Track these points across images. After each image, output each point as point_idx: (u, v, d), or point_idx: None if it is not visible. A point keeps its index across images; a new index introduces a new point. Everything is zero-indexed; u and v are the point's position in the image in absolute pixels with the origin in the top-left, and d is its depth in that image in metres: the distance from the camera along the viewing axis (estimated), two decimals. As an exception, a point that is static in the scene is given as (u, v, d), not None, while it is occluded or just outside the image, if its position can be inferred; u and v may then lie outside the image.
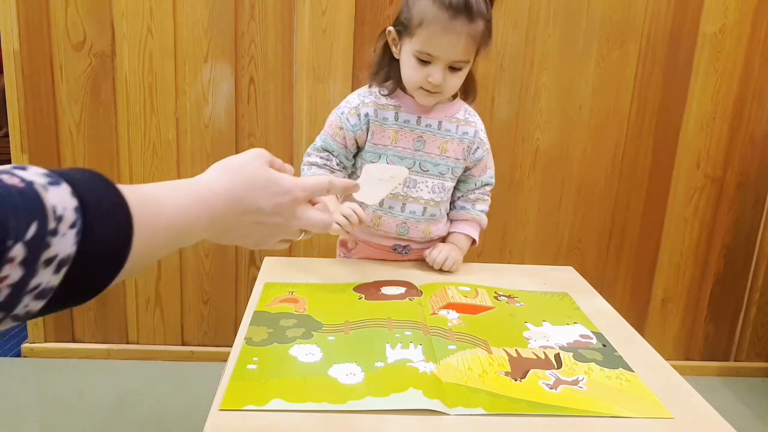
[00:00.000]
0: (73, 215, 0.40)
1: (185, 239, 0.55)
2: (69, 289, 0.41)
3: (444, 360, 0.79)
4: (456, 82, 1.10)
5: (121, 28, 1.72)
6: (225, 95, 1.77)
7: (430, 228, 1.19)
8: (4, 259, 0.36)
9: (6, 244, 0.36)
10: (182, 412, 1.70)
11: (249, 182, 0.62)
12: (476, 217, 1.23)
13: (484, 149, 1.21)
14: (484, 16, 1.05)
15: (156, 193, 0.52)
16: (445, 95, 1.12)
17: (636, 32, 1.79)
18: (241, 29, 1.74)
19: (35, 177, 0.40)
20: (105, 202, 0.44)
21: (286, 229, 0.66)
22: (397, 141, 1.14)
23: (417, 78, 1.08)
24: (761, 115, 1.88)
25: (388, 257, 1.20)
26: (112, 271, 0.44)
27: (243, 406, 0.68)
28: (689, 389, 0.78)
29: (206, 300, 1.94)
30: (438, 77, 1.06)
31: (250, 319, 0.89)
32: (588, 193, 1.91)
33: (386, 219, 1.17)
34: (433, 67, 1.06)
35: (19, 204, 0.37)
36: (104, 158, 1.80)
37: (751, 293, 2.03)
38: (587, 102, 1.84)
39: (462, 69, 1.08)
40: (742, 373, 2.07)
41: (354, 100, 1.16)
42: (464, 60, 1.07)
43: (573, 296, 1.05)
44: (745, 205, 1.95)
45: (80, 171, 0.44)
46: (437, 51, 1.04)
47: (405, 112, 1.14)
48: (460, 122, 1.18)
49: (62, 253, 0.39)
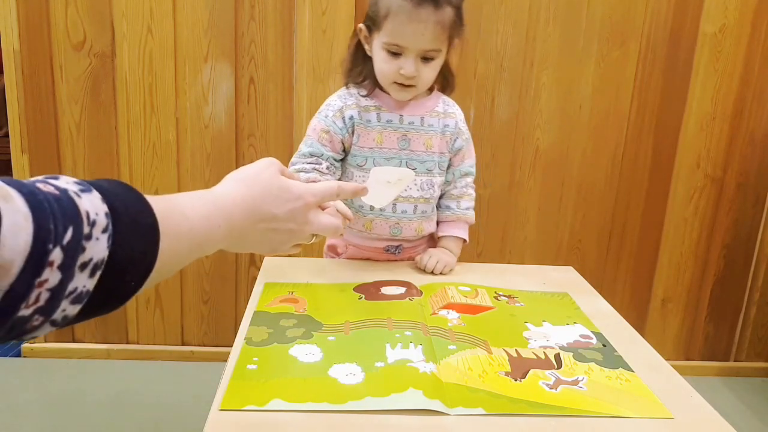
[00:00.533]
0: (104, 220, 0.41)
1: (206, 247, 0.57)
2: (102, 295, 0.42)
3: (444, 360, 0.79)
4: (430, 74, 1.09)
5: (121, 28, 1.72)
6: (225, 95, 1.77)
7: (423, 225, 1.18)
8: (45, 262, 0.37)
9: (47, 247, 0.37)
10: (182, 412, 1.70)
11: (264, 191, 0.64)
12: (462, 216, 1.21)
13: (462, 138, 1.20)
14: (452, 3, 1.05)
15: (178, 202, 0.54)
16: (420, 89, 1.11)
17: (636, 32, 1.79)
18: (241, 29, 1.74)
19: (68, 185, 0.41)
20: (132, 208, 0.45)
21: (298, 235, 0.69)
22: (382, 142, 1.13)
23: (389, 71, 1.07)
24: (761, 115, 1.88)
25: (380, 258, 1.20)
26: (141, 275, 0.46)
27: (243, 406, 0.68)
28: (689, 389, 0.78)
29: (206, 300, 1.94)
30: (410, 68, 1.05)
31: (250, 319, 0.89)
32: (588, 193, 1.91)
33: (378, 222, 1.16)
34: (404, 58, 1.05)
35: (56, 209, 0.38)
36: (104, 158, 1.80)
37: (751, 293, 2.03)
38: (587, 102, 1.84)
39: (435, 59, 1.07)
40: (742, 373, 2.07)
41: (336, 103, 1.15)
42: (435, 49, 1.06)
43: (573, 296, 1.05)
44: (745, 205, 1.95)
45: (106, 180, 0.46)
46: (405, 41, 1.04)
47: (387, 112, 1.13)
48: (440, 115, 1.17)
49: (96, 257, 0.40)
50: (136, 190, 0.47)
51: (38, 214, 0.37)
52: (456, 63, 1.23)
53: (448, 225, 1.21)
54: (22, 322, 0.38)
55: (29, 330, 0.40)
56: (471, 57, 1.79)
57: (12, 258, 0.35)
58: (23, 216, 0.36)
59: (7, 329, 0.38)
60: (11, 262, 0.35)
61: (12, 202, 0.36)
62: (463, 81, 1.80)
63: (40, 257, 0.37)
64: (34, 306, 0.38)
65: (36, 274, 0.37)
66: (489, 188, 1.88)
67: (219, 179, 0.64)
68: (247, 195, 0.63)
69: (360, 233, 1.17)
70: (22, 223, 0.36)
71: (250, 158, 1.77)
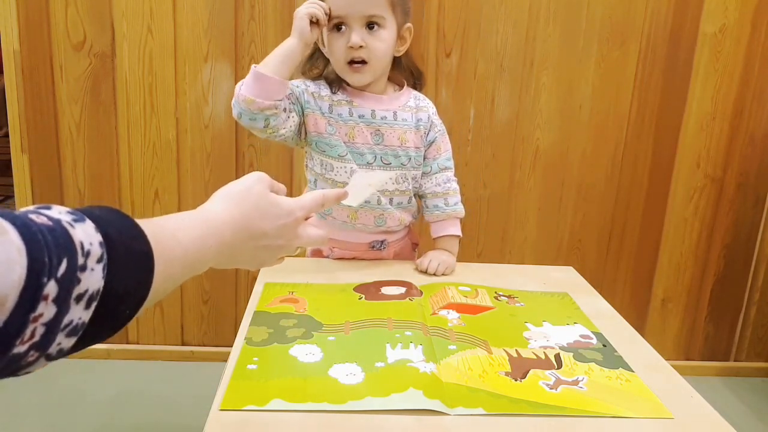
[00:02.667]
0: (99, 249, 0.41)
1: (197, 268, 0.57)
2: (97, 324, 0.41)
3: (444, 360, 0.79)
4: (380, 45, 1.09)
5: (121, 28, 1.72)
6: (225, 95, 1.77)
7: (403, 215, 1.19)
8: (40, 296, 0.36)
9: (42, 281, 0.36)
10: (182, 412, 1.70)
11: (254, 208, 0.64)
12: (453, 213, 1.21)
13: (435, 131, 1.20)
14: None
15: (169, 225, 0.54)
16: (374, 67, 1.11)
17: (636, 32, 1.79)
18: (241, 29, 1.74)
19: (60, 215, 0.41)
20: (126, 235, 0.45)
21: (286, 249, 0.69)
22: (354, 137, 1.13)
23: (339, 49, 1.08)
24: (761, 115, 1.88)
25: (367, 256, 1.19)
26: (136, 303, 0.45)
27: (243, 406, 0.68)
28: (689, 389, 0.78)
29: (206, 300, 1.94)
30: (355, 38, 1.06)
31: (250, 319, 0.89)
32: (588, 193, 1.91)
33: (363, 213, 1.16)
34: (350, 30, 1.07)
35: (50, 241, 0.38)
36: (104, 158, 1.80)
37: (751, 293, 2.03)
38: (587, 102, 1.84)
39: (381, 28, 1.08)
40: (742, 373, 2.07)
41: (312, 86, 1.14)
42: (377, 14, 1.07)
43: (573, 296, 1.05)
44: (745, 205, 1.95)
45: (98, 207, 0.45)
46: (344, 8, 1.05)
47: (359, 107, 1.13)
48: (413, 110, 1.18)
49: (92, 288, 0.40)
50: (129, 217, 0.47)
51: (32, 247, 0.36)
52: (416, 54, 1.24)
53: (440, 224, 1.21)
54: (17, 359, 0.37)
55: (24, 366, 0.39)
56: (471, 57, 1.79)
57: (6, 293, 0.34)
58: (17, 249, 0.35)
59: (1, 367, 0.37)
60: (5, 297, 0.35)
61: (5, 236, 0.35)
62: (463, 81, 1.80)
63: (34, 291, 0.36)
64: (29, 342, 0.37)
65: (31, 308, 0.36)
66: (489, 188, 1.88)
67: (219, 179, 0.65)
68: (237, 213, 0.63)
69: (344, 224, 1.17)
70: (15, 257, 0.35)
71: (250, 158, 1.77)
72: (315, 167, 1.16)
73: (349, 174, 1.12)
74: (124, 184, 1.82)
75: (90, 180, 1.81)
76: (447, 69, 1.79)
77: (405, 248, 1.26)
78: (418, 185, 1.22)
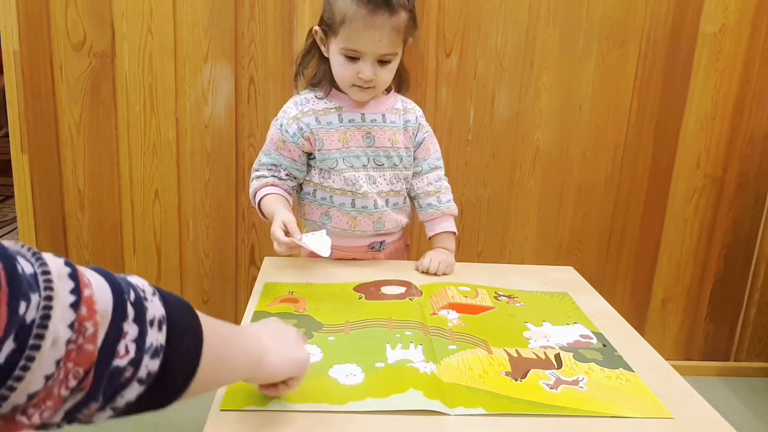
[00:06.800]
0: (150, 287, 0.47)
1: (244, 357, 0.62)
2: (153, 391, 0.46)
3: (444, 360, 0.79)
4: (387, 75, 1.11)
5: (121, 28, 1.72)
6: (225, 95, 1.77)
7: (399, 217, 1.21)
8: (125, 313, 0.42)
9: (124, 296, 0.43)
10: (182, 412, 1.70)
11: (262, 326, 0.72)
12: (446, 211, 1.23)
13: (423, 132, 1.23)
14: (405, 7, 1.06)
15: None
16: (379, 89, 1.14)
17: (636, 32, 1.79)
18: (241, 29, 1.74)
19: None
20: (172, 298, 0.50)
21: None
22: (347, 142, 1.14)
23: (348, 75, 1.09)
24: (761, 115, 1.88)
25: (365, 257, 1.21)
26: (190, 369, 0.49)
27: (243, 406, 0.68)
28: (689, 389, 0.78)
29: (206, 300, 1.94)
30: (368, 72, 1.07)
31: (250, 319, 0.89)
32: (588, 193, 1.91)
33: (362, 219, 1.17)
34: (362, 62, 1.07)
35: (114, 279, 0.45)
36: (104, 158, 1.80)
37: (751, 293, 2.03)
38: (587, 102, 1.84)
39: (391, 62, 1.10)
40: (742, 373, 2.07)
41: (291, 110, 1.16)
42: (391, 53, 1.08)
43: (573, 296, 1.05)
44: (745, 205, 1.95)
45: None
46: (362, 47, 1.05)
47: (348, 112, 1.15)
48: (400, 112, 1.20)
49: (158, 314, 0.45)
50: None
51: (108, 277, 0.44)
52: (416, 54, 1.25)
53: (435, 222, 1.22)
54: (117, 373, 0.42)
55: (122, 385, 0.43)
56: (471, 57, 1.79)
57: (105, 309, 0.41)
58: (100, 279, 0.43)
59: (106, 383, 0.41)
60: (105, 310, 0.41)
61: (88, 272, 0.43)
62: (463, 81, 1.80)
63: (123, 307, 0.43)
64: (126, 357, 0.42)
65: (122, 319, 0.42)
66: (489, 188, 1.88)
67: (219, 179, 0.65)
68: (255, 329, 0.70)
69: (344, 231, 1.18)
70: (102, 283, 0.43)
71: (250, 158, 1.77)
72: (313, 177, 1.18)
73: (344, 181, 1.14)
74: (124, 184, 1.82)
75: (90, 180, 1.81)
76: (447, 69, 1.79)
77: (399, 249, 1.28)
78: (410, 186, 1.23)
